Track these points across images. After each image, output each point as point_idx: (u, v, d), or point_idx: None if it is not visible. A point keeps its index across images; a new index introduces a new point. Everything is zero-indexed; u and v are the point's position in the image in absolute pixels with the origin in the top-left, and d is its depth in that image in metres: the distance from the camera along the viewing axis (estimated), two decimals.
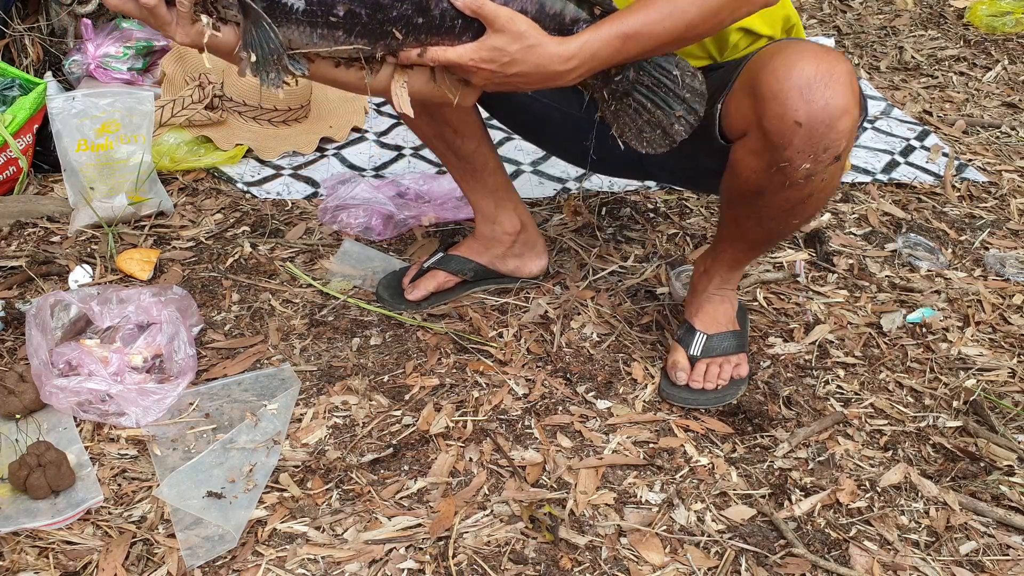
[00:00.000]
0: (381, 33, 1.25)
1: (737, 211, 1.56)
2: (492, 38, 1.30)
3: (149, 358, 1.68)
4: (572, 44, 1.33)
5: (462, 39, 1.31)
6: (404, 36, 1.27)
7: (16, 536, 1.39)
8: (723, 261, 1.68)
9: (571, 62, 1.33)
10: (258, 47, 1.20)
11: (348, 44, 1.25)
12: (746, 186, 1.48)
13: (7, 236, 2.11)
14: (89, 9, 2.61)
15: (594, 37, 1.34)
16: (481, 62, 1.31)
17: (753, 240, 1.61)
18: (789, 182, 1.42)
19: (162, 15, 1.21)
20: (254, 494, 1.45)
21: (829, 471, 1.55)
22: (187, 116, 2.42)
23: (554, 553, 1.38)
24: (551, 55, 1.32)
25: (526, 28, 1.30)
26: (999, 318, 1.94)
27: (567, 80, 1.36)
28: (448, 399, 1.67)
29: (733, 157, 1.49)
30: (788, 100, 1.35)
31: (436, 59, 1.32)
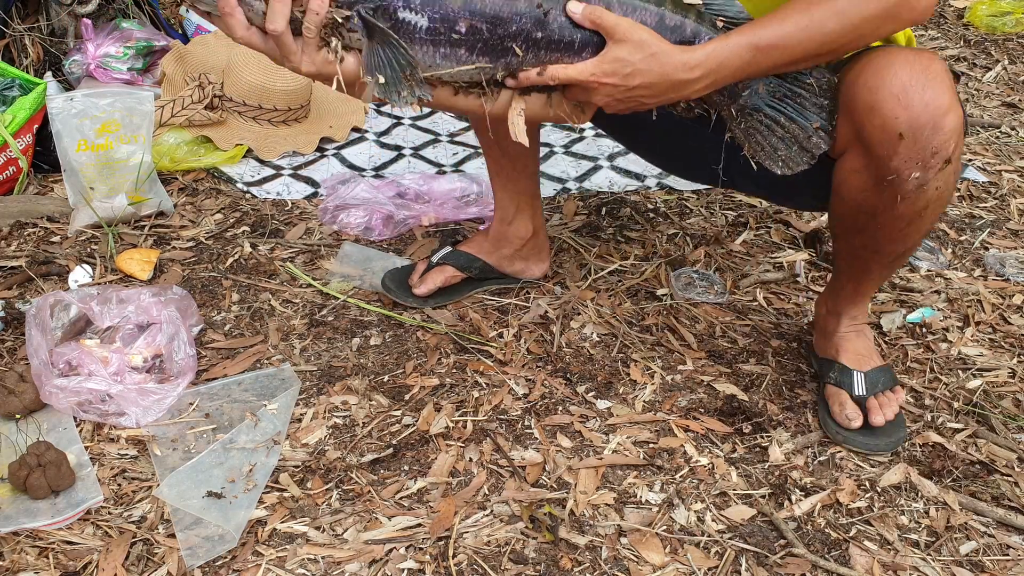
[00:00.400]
0: (502, 50, 1.25)
1: (851, 241, 1.48)
2: (613, 49, 1.26)
3: (149, 358, 1.68)
4: (698, 52, 1.28)
5: (582, 55, 1.28)
6: (524, 52, 1.26)
7: (16, 536, 1.39)
8: (846, 298, 1.61)
9: (696, 71, 1.28)
10: (386, 67, 1.20)
11: (470, 64, 1.25)
12: (857, 209, 1.41)
13: (7, 236, 2.11)
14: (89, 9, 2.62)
15: (722, 46, 1.28)
16: (603, 75, 1.27)
17: (874, 269, 1.54)
18: (901, 196, 1.34)
19: (288, 44, 1.20)
20: (254, 494, 1.45)
21: (829, 471, 1.55)
22: (187, 116, 2.42)
23: (554, 553, 1.38)
24: (675, 63, 1.27)
25: (648, 37, 1.26)
26: (999, 318, 1.94)
27: (692, 91, 1.31)
28: (448, 399, 1.67)
29: (837, 179, 1.42)
30: (885, 109, 1.29)
31: (556, 77, 1.28)
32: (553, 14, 1.25)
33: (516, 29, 1.24)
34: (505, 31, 1.24)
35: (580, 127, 2.35)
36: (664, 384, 1.72)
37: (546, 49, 1.27)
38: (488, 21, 1.22)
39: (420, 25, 1.20)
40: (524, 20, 1.24)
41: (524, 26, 1.24)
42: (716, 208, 2.31)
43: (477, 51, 1.24)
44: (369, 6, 1.17)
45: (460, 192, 2.28)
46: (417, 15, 1.19)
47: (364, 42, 1.20)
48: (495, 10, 1.22)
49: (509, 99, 1.34)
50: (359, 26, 1.19)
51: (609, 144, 2.62)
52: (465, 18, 1.21)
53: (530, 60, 1.27)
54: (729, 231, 2.22)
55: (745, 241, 2.18)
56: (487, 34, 1.23)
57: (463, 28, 1.22)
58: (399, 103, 1.22)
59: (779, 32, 1.28)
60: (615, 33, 1.26)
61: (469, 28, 1.22)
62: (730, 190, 2.25)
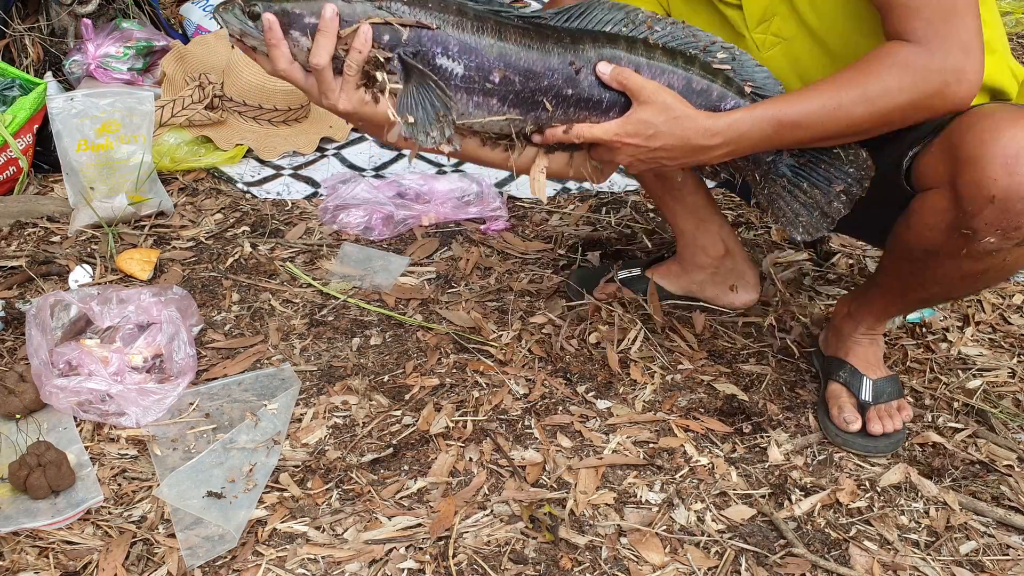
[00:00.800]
0: (533, 103, 1.29)
1: (902, 266, 1.45)
2: (638, 111, 1.29)
3: (149, 358, 1.68)
4: (721, 120, 1.30)
5: (609, 114, 1.32)
6: (554, 108, 1.30)
7: (16, 536, 1.39)
8: (871, 310, 1.59)
9: (716, 138, 1.30)
10: (418, 108, 1.24)
11: (501, 115, 1.30)
12: (919, 242, 1.37)
13: (7, 236, 2.11)
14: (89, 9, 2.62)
15: (745, 117, 1.30)
16: (626, 136, 1.30)
17: (910, 298, 1.51)
18: (968, 251, 1.31)
19: (328, 80, 1.22)
20: (254, 494, 1.45)
21: (829, 471, 1.55)
22: (187, 116, 2.42)
23: (554, 553, 1.38)
24: (697, 128, 1.29)
25: (672, 100, 1.29)
26: (999, 318, 1.94)
27: (712, 157, 1.33)
28: (448, 399, 1.67)
29: (914, 207, 1.37)
30: (989, 168, 1.23)
31: (581, 135, 1.31)
32: (584, 72, 1.29)
33: (547, 84, 1.28)
34: (537, 85, 1.28)
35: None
36: (664, 384, 1.72)
37: (575, 106, 1.31)
38: (521, 74, 1.27)
39: (456, 72, 1.25)
40: (556, 76, 1.28)
41: (555, 82, 1.28)
42: None
43: (509, 102, 1.29)
44: (409, 50, 1.22)
45: (460, 192, 2.28)
46: (454, 62, 1.24)
47: (401, 84, 1.24)
48: (529, 64, 1.27)
49: (533, 156, 1.37)
50: (398, 68, 1.23)
51: None
52: (500, 68, 1.26)
53: (559, 116, 1.31)
54: None
55: (746, 240, 2.18)
56: (519, 86, 1.28)
57: (497, 78, 1.26)
58: (427, 143, 1.25)
59: (804, 110, 1.29)
60: (640, 95, 1.29)
61: (503, 79, 1.26)
62: None
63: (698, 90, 1.34)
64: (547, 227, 2.20)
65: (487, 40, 1.25)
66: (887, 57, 1.27)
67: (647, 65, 1.31)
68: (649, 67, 1.32)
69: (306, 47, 1.21)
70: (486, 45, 1.25)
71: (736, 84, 1.35)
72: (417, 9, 1.22)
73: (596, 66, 1.29)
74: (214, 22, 2.82)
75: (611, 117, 1.32)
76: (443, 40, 1.23)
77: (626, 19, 1.33)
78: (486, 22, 1.25)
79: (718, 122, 1.30)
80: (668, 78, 1.32)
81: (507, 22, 1.27)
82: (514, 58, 1.26)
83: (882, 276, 1.54)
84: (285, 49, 1.21)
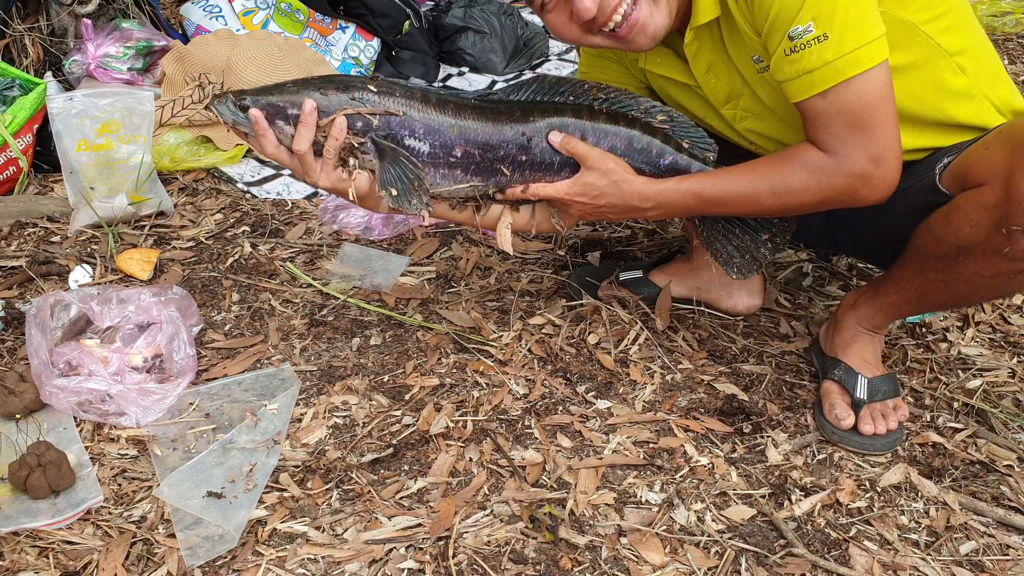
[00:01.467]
0: (492, 171, 1.48)
1: (928, 263, 1.46)
2: (584, 175, 1.48)
3: (149, 358, 1.68)
4: (653, 188, 1.49)
5: (560, 175, 1.50)
6: (511, 172, 1.48)
7: (16, 536, 1.39)
8: (881, 306, 1.60)
9: (649, 202, 1.49)
10: (396, 182, 1.41)
11: (465, 183, 1.48)
12: (954, 238, 1.39)
13: (7, 236, 2.11)
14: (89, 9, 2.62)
15: (673, 189, 1.49)
16: (575, 195, 1.49)
17: (929, 299, 1.51)
18: (1010, 250, 1.33)
19: (309, 162, 1.40)
20: (254, 494, 1.45)
21: (829, 471, 1.55)
22: (187, 116, 2.42)
23: (554, 553, 1.38)
24: (633, 192, 1.48)
25: (614, 166, 1.48)
26: (999, 318, 1.94)
27: (648, 215, 1.53)
28: (448, 399, 1.67)
29: (957, 203, 1.39)
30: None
31: (537, 193, 1.50)
32: (535, 140, 1.47)
33: (503, 154, 1.46)
34: (494, 155, 1.46)
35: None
36: (664, 384, 1.73)
37: (530, 169, 1.49)
38: (480, 147, 1.45)
39: (423, 150, 1.42)
40: (511, 146, 1.46)
41: (510, 151, 1.46)
42: None
43: (471, 171, 1.47)
44: (380, 133, 1.40)
45: None
46: (420, 142, 1.42)
47: (376, 163, 1.41)
48: (486, 138, 1.45)
49: (499, 213, 1.55)
50: (371, 149, 1.41)
51: None
52: (460, 145, 1.44)
53: (516, 179, 1.49)
54: None
55: None
56: (479, 158, 1.46)
57: (459, 153, 1.44)
58: (410, 211, 1.43)
59: (723, 191, 1.47)
60: (586, 161, 1.48)
61: (464, 153, 1.44)
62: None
63: (639, 148, 1.50)
64: None
65: (448, 120, 1.43)
66: (799, 158, 1.42)
67: (592, 129, 1.48)
68: (594, 131, 1.49)
69: (290, 134, 1.38)
70: (447, 125, 1.43)
71: (674, 141, 1.51)
72: (386, 97, 1.40)
73: (548, 135, 1.47)
74: (214, 22, 2.82)
75: (564, 176, 1.50)
76: (409, 124, 1.41)
77: (574, 89, 1.50)
78: (446, 105, 1.43)
79: (651, 189, 1.49)
80: (611, 140, 1.49)
81: (465, 103, 1.45)
82: (472, 134, 1.44)
83: (901, 272, 1.53)
84: (272, 137, 1.38)
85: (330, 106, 1.38)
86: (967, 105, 1.48)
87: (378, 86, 1.40)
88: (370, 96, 1.39)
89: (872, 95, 1.34)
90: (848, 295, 1.68)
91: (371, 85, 1.40)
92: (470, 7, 3.14)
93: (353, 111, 1.39)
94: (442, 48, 3.13)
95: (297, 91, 1.38)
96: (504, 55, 3.08)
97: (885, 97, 1.35)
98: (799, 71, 1.34)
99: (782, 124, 1.52)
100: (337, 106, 1.38)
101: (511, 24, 3.14)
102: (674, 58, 1.56)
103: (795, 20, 1.31)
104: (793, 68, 1.35)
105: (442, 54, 3.13)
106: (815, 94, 1.35)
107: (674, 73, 1.57)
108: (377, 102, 1.39)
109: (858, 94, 1.33)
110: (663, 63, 1.58)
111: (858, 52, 1.31)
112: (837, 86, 1.33)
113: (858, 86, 1.33)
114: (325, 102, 1.38)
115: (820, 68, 1.32)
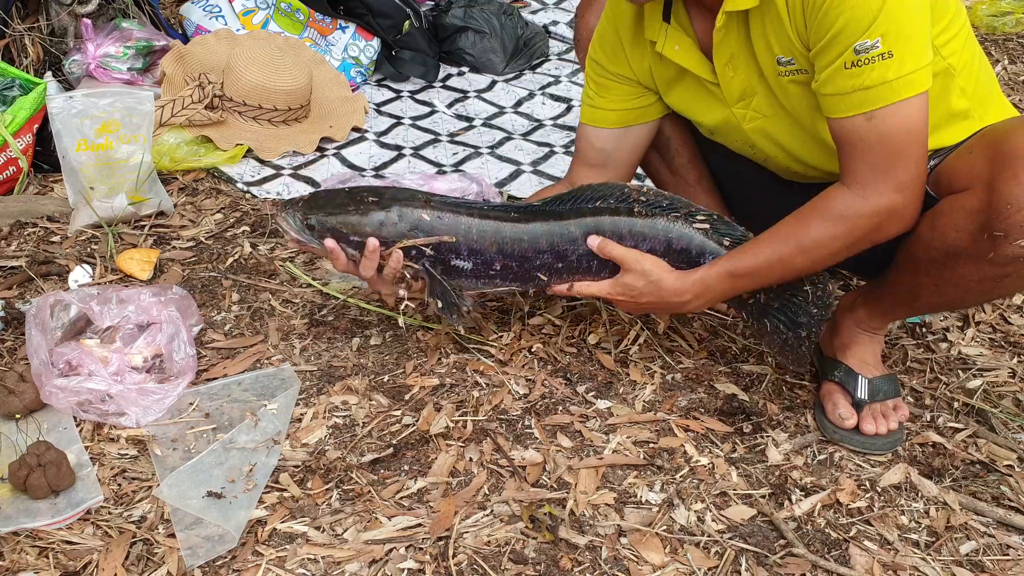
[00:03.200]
0: (529, 278, 1.62)
1: (918, 267, 1.45)
2: (624, 276, 1.56)
3: (149, 358, 1.68)
4: (687, 280, 1.53)
5: (601, 275, 1.60)
6: (548, 278, 1.61)
7: (16, 536, 1.39)
8: (877, 308, 1.60)
9: (686, 295, 1.53)
10: (440, 297, 1.61)
11: (504, 287, 1.64)
12: (941, 243, 1.38)
13: (7, 236, 2.11)
14: (89, 9, 2.61)
15: (707, 275, 1.52)
16: (617, 295, 1.58)
17: (921, 302, 1.51)
18: (994, 255, 1.32)
19: (373, 280, 1.62)
20: (254, 494, 1.45)
21: (829, 471, 1.55)
22: (187, 116, 2.42)
23: (554, 553, 1.38)
24: (669, 289, 1.54)
25: (650, 267, 1.54)
26: (999, 318, 1.94)
27: (689, 308, 1.57)
28: (448, 399, 1.67)
29: (942, 207, 1.39)
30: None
31: (581, 292, 1.62)
32: (571, 248, 1.59)
33: (540, 263, 1.60)
34: (531, 265, 1.60)
35: None
36: (664, 384, 1.72)
37: (568, 273, 1.61)
38: (517, 260, 1.60)
39: (465, 268, 1.60)
40: (546, 256, 1.60)
41: (547, 260, 1.60)
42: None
43: (509, 279, 1.63)
44: (430, 259, 1.59)
45: (460, 192, 2.27)
46: (465, 261, 1.60)
47: (428, 281, 1.61)
48: (522, 251, 1.59)
49: None
50: (422, 271, 1.60)
51: None
52: (499, 260, 1.60)
53: (555, 281, 1.62)
54: None
55: None
56: (516, 268, 1.61)
57: (498, 267, 1.61)
58: (449, 321, 1.64)
59: (752, 263, 1.48)
60: (624, 263, 1.55)
61: (503, 266, 1.60)
62: None
63: (678, 248, 1.57)
64: None
65: (491, 239, 1.58)
66: (818, 211, 1.42)
67: (630, 234, 1.57)
68: (632, 235, 1.57)
69: (357, 258, 1.59)
70: (491, 244, 1.58)
71: (714, 239, 1.57)
72: (436, 215, 1.58)
73: (587, 239, 1.57)
74: (214, 22, 2.82)
75: (603, 276, 1.59)
76: (456, 248, 1.58)
77: (614, 193, 1.58)
78: (487, 222, 1.58)
79: (685, 282, 1.53)
80: (650, 243, 1.57)
81: (505, 216, 1.59)
82: (510, 249, 1.59)
83: (894, 275, 1.53)
84: (342, 256, 1.58)
85: (389, 239, 1.57)
86: (962, 125, 1.48)
87: (431, 209, 1.59)
88: (424, 219, 1.58)
89: (915, 120, 1.32)
90: (845, 297, 1.68)
91: (424, 213, 1.58)
92: (470, 7, 3.14)
93: (410, 243, 1.57)
94: (442, 48, 3.13)
95: (358, 214, 1.57)
96: (504, 55, 3.08)
97: (924, 124, 1.34)
98: (855, 86, 1.32)
99: (792, 128, 1.52)
100: (396, 239, 1.57)
101: (511, 24, 3.13)
102: (693, 48, 1.54)
103: (864, 34, 1.28)
104: (850, 82, 1.32)
105: (442, 54, 3.12)
106: (862, 112, 1.33)
107: (690, 63, 1.55)
108: (430, 225, 1.57)
109: (905, 118, 1.32)
110: (681, 50, 1.54)
111: (913, 75, 1.30)
112: (888, 107, 1.31)
113: (907, 110, 1.31)
114: (385, 235, 1.57)
115: (878, 86, 1.30)
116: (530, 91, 2.96)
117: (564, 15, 3.54)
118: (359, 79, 2.93)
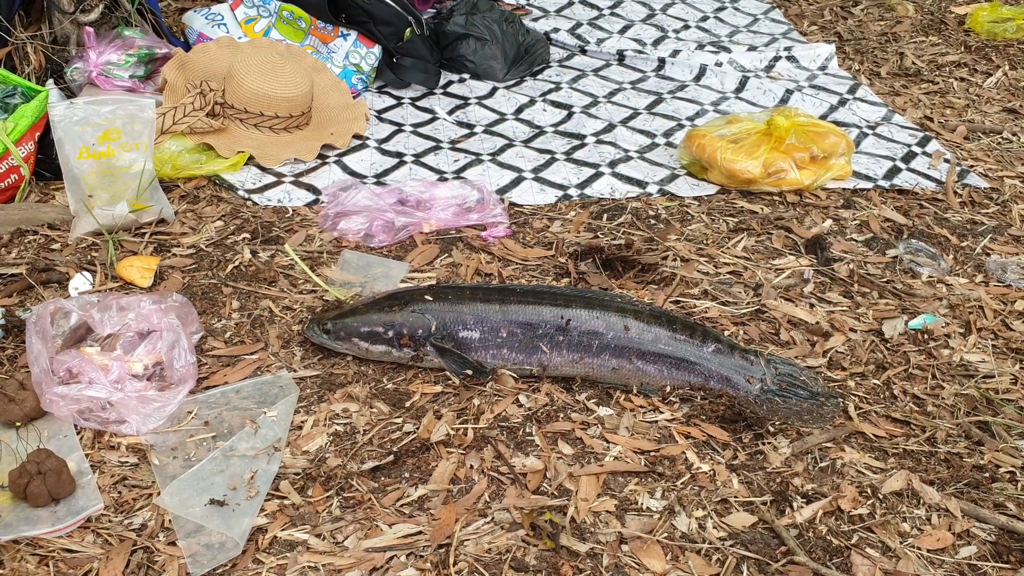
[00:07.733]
0: (532, 348, 1.72)
1: None
2: None
3: (150, 365, 1.67)
4: None
5: (601, 356, 1.70)
6: (550, 351, 1.70)
7: (16, 544, 1.39)
8: None
9: None
10: (461, 369, 1.72)
11: (510, 361, 1.73)
12: None
13: (8, 243, 2.11)
14: (91, 17, 2.62)
15: None
16: None
17: None
18: None
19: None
20: (256, 501, 1.45)
21: (830, 478, 1.55)
22: (189, 123, 2.42)
23: (555, 560, 1.37)
24: None
25: None
26: (1001, 324, 1.94)
27: None
28: (449, 406, 1.67)
29: None
30: None
31: None
32: (573, 323, 1.70)
33: (542, 332, 1.71)
34: (534, 333, 1.71)
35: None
36: (665, 391, 1.72)
37: (567, 349, 1.70)
38: (520, 327, 1.71)
39: (475, 337, 1.72)
40: (548, 327, 1.71)
41: (548, 331, 1.71)
42: (717, 215, 2.31)
43: (515, 349, 1.72)
44: (438, 336, 1.71)
45: (461, 199, 2.27)
46: (471, 331, 1.72)
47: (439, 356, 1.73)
48: (526, 319, 1.72)
49: None
50: (433, 352, 1.72)
51: (610, 151, 2.62)
52: (505, 326, 1.71)
53: (555, 357, 1.70)
54: (730, 236, 2.21)
55: (746, 247, 2.18)
56: (521, 336, 1.71)
57: (504, 333, 1.71)
58: (483, 378, 1.72)
59: None
60: None
61: (508, 333, 1.71)
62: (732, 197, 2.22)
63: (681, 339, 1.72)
64: (548, 233, 2.20)
65: (494, 315, 1.71)
66: None
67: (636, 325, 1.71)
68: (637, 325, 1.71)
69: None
70: (492, 318, 1.71)
71: (713, 335, 1.70)
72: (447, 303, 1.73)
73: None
74: (216, 30, 2.83)
75: (605, 358, 1.69)
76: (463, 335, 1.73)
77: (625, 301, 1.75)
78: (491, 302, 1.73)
79: None
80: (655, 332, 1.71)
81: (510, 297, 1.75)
82: (513, 316, 1.72)
83: None
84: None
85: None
86: None
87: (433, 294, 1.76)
88: (428, 305, 1.74)
89: None
90: None
91: (427, 295, 1.76)
92: (471, 14, 3.14)
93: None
94: (443, 55, 3.13)
95: (368, 314, 1.74)
96: (505, 62, 3.08)
97: None
98: None
99: None
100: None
101: (512, 31, 3.14)
102: None
103: None
104: None
105: (443, 61, 3.12)
106: None
107: None
108: (435, 310, 1.73)
109: None
110: None
111: None
112: None
113: None
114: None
115: None
116: (531, 98, 2.96)
117: (565, 22, 3.55)
118: (360, 86, 2.93)
